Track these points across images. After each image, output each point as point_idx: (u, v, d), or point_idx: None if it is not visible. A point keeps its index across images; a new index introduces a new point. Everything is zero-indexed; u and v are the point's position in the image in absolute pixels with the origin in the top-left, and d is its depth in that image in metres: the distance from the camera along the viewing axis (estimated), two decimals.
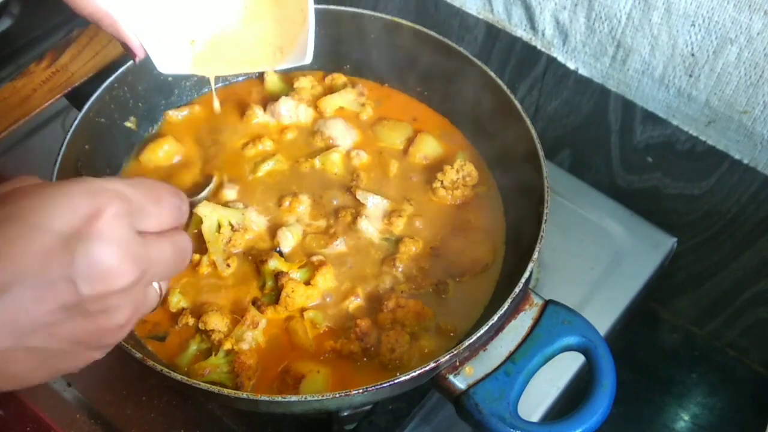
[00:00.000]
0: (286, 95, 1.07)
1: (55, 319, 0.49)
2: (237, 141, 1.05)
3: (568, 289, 1.04)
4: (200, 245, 0.93)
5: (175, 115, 1.08)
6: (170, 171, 1.02)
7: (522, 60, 1.19)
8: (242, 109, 1.08)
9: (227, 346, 0.85)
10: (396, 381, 0.75)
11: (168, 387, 0.95)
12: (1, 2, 1.17)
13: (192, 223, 0.95)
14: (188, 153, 1.04)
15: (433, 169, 1.01)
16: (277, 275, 0.90)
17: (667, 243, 1.14)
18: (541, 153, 0.91)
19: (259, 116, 1.07)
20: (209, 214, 0.92)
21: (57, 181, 0.51)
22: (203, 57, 0.89)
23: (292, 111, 1.06)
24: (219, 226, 0.93)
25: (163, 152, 1.03)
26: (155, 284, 0.57)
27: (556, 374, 1.00)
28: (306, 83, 1.09)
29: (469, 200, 1.00)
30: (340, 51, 1.11)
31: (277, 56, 0.85)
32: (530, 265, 0.82)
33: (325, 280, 0.90)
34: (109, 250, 0.49)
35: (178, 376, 0.75)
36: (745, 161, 1.04)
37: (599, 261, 1.11)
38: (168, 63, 0.87)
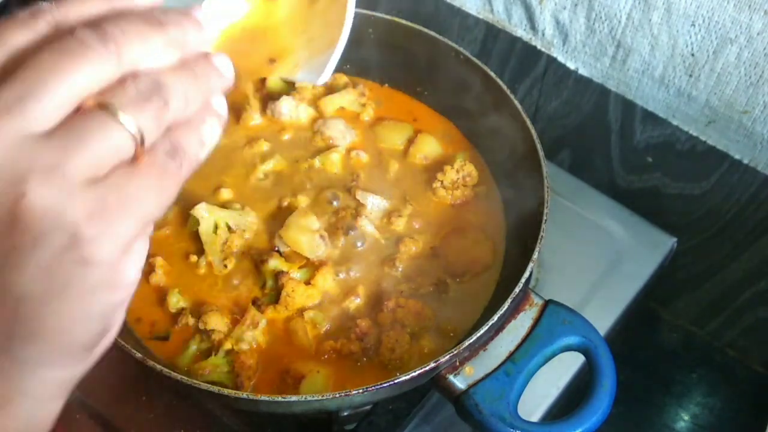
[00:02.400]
0: (287, 94, 1.07)
1: None
2: (234, 143, 1.05)
3: (568, 289, 1.04)
4: (198, 246, 0.93)
5: None
6: None
7: (522, 60, 1.19)
8: (238, 112, 1.08)
9: (227, 346, 0.85)
10: (396, 381, 0.75)
11: (168, 387, 0.95)
12: (1, 2, 1.17)
13: (189, 224, 0.95)
14: None
15: (433, 169, 1.01)
16: (278, 275, 0.90)
17: (667, 243, 1.14)
18: (541, 153, 0.91)
19: (255, 118, 1.07)
20: (207, 215, 0.92)
21: None
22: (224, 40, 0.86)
23: (293, 110, 1.06)
24: (216, 227, 0.93)
25: None
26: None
27: (556, 374, 1.00)
28: (307, 83, 1.10)
29: (469, 200, 1.00)
30: None
31: (293, 69, 0.81)
32: (530, 265, 0.82)
33: (325, 280, 0.91)
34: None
35: (178, 376, 0.75)
36: (745, 161, 1.04)
37: (599, 261, 1.11)
38: None
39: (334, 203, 0.98)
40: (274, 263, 0.91)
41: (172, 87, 0.42)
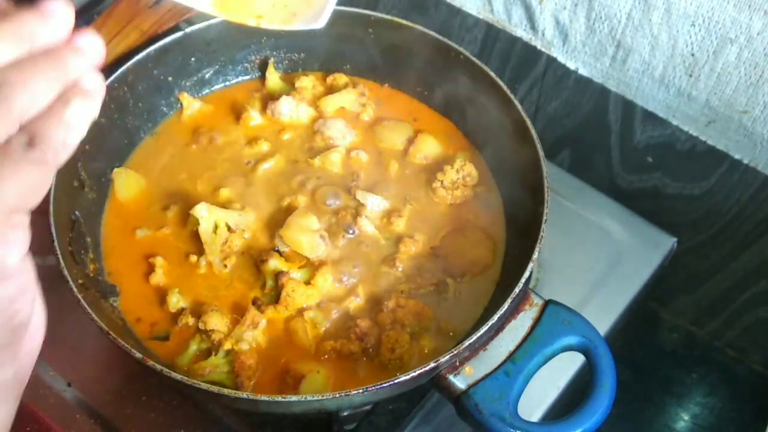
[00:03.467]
0: (287, 94, 1.07)
1: None
2: (235, 142, 1.05)
3: (568, 289, 1.04)
4: (198, 246, 0.93)
5: (173, 117, 1.08)
6: (169, 173, 1.02)
7: (522, 60, 1.19)
8: (238, 112, 1.08)
9: (227, 346, 0.85)
10: (396, 381, 0.75)
11: (168, 387, 0.95)
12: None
13: (188, 224, 0.95)
14: (186, 155, 1.04)
15: (433, 169, 1.01)
16: (278, 275, 0.90)
17: (667, 243, 1.14)
18: (541, 153, 0.91)
19: (255, 118, 1.07)
20: (206, 215, 0.92)
21: None
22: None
23: (293, 110, 1.06)
24: (216, 227, 0.93)
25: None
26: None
27: (556, 374, 1.00)
28: (307, 83, 1.09)
29: (469, 200, 1.00)
30: (340, 51, 1.11)
31: (290, 18, 0.82)
32: (530, 265, 0.82)
33: (325, 280, 0.91)
34: None
35: (178, 376, 0.75)
36: (745, 161, 1.04)
37: (599, 261, 1.11)
38: None
39: (334, 203, 0.98)
40: (274, 263, 0.91)
41: (13, 83, 0.43)
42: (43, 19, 0.45)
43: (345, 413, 0.91)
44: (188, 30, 1.02)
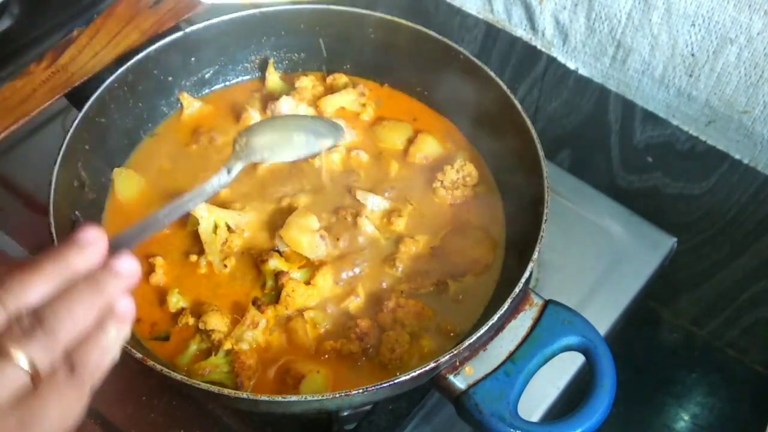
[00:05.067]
0: (287, 94, 1.07)
1: None
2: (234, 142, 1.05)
3: (568, 289, 1.04)
4: (198, 246, 0.93)
5: (173, 117, 1.08)
6: (169, 173, 1.02)
7: (522, 60, 1.20)
8: (238, 112, 1.08)
9: (227, 346, 0.85)
10: (396, 381, 0.75)
11: (168, 387, 0.95)
12: (1, 2, 1.17)
13: (188, 224, 0.95)
14: (186, 155, 1.04)
15: (433, 169, 1.01)
16: (278, 275, 0.90)
17: (667, 243, 1.14)
18: (541, 153, 0.91)
19: (255, 118, 1.07)
20: (206, 215, 0.92)
21: None
22: None
23: (293, 110, 1.06)
24: (215, 227, 0.93)
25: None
26: None
27: (556, 374, 1.00)
28: (307, 83, 1.09)
29: (469, 200, 1.00)
30: (340, 51, 1.11)
31: None
32: (530, 265, 0.82)
33: (325, 280, 0.90)
34: None
35: (178, 376, 0.75)
36: (745, 161, 1.04)
37: (599, 261, 1.11)
38: None
39: (334, 203, 0.98)
40: (274, 263, 0.90)
41: (60, 316, 0.46)
42: (79, 249, 0.49)
43: (345, 413, 0.91)
44: (188, 30, 1.02)
